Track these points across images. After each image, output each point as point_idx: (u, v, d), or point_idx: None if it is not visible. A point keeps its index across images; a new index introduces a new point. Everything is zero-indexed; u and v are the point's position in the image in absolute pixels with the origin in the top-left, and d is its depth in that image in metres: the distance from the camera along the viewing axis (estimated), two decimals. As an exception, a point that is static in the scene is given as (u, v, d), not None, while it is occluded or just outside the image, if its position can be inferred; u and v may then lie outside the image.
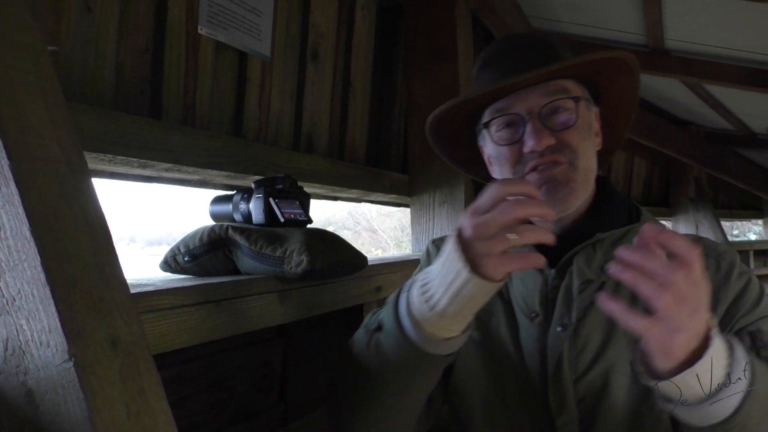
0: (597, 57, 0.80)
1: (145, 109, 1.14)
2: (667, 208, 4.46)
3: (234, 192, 1.18)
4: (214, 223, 1.11)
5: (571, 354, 0.81)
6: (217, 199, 1.21)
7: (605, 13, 2.40)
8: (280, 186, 1.13)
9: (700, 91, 3.10)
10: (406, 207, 2.08)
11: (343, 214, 18.28)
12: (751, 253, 5.10)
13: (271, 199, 1.10)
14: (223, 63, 1.32)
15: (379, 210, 16.19)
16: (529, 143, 0.79)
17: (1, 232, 0.54)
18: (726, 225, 5.13)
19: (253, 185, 1.13)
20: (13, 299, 0.54)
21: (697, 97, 3.21)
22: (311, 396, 1.27)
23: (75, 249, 0.56)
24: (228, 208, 1.17)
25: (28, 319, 0.53)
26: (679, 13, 2.18)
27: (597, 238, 0.84)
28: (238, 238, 1.05)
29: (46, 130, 0.59)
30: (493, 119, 0.84)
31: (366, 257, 1.22)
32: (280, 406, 1.19)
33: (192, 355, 0.96)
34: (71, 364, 0.51)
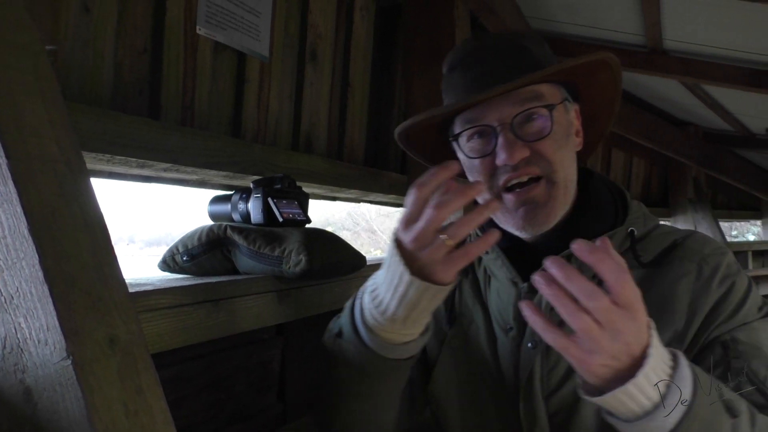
0: (569, 65, 0.76)
1: (144, 109, 1.14)
2: (666, 208, 4.46)
3: (233, 192, 1.18)
4: (213, 222, 1.12)
5: (543, 370, 0.79)
6: (215, 199, 1.21)
7: (604, 14, 2.41)
8: (279, 186, 1.13)
9: (699, 91, 3.10)
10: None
11: (342, 215, 18.28)
12: (750, 254, 5.09)
13: (269, 199, 1.10)
14: (221, 63, 1.32)
15: (378, 210, 16.20)
16: (501, 156, 0.76)
17: None
18: (725, 225, 5.14)
19: (251, 185, 1.13)
20: (11, 297, 0.54)
21: (696, 98, 3.21)
22: (310, 396, 1.27)
23: (73, 248, 0.56)
24: (227, 208, 1.17)
25: (26, 317, 0.53)
26: (678, 14, 2.19)
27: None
28: (236, 237, 1.05)
29: (44, 130, 0.59)
30: (464, 131, 0.80)
31: (365, 257, 1.22)
32: (278, 405, 1.19)
33: (190, 355, 0.96)
34: (69, 362, 0.51)
